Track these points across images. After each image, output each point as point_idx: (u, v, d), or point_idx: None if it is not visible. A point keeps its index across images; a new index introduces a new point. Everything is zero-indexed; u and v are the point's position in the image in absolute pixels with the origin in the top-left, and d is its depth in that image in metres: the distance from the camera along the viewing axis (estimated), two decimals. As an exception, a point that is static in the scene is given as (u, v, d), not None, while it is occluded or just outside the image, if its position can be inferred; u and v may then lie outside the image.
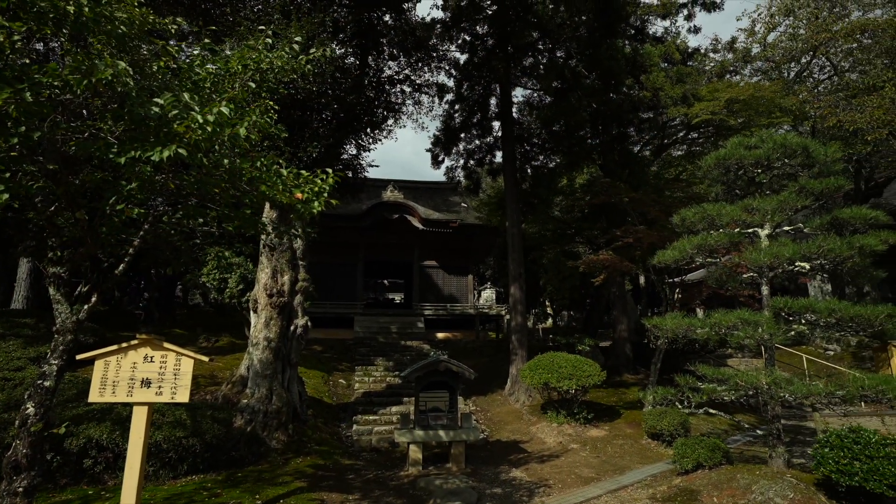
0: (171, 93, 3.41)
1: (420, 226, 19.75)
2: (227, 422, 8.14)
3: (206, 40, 4.76)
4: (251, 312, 10.21)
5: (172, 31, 4.81)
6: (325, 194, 4.76)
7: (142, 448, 4.46)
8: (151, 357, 4.68)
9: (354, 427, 11.05)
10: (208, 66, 4.59)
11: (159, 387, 4.63)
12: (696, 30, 19.16)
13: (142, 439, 4.48)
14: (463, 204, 23.24)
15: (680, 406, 7.95)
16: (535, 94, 18.09)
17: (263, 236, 9.55)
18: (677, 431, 9.39)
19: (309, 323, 10.92)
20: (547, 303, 23.57)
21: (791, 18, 18.46)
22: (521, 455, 9.53)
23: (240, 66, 4.53)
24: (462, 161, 18.80)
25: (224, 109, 3.41)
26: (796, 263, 7.07)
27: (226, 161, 4.03)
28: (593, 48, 14.71)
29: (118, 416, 6.83)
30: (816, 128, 17.48)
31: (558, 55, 15.82)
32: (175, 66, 4.39)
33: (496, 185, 21.79)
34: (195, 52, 4.79)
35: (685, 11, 17.07)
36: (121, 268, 4.76)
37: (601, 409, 11.94)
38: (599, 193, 14.37)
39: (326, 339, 17.72)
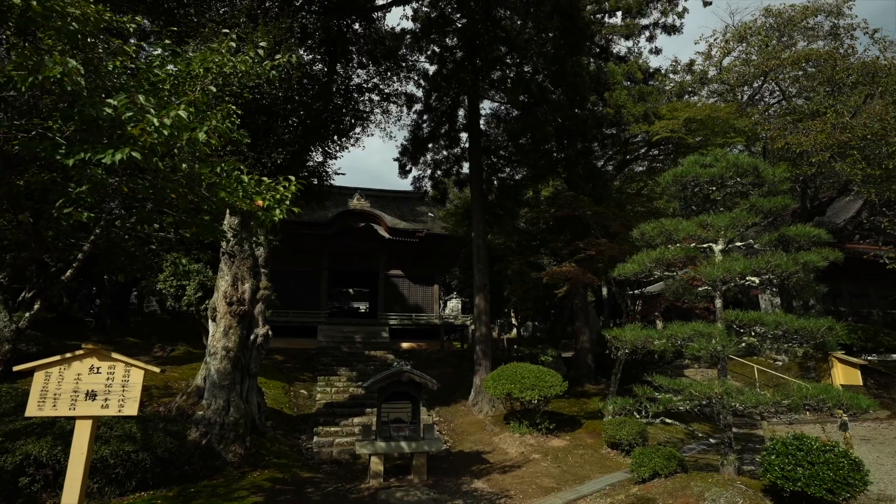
0: (125, 94, 3.29)
1: (386, 235, 19.66)
2: (180, 435, 7.83)
3: (167, 41, 4.64)
4: (209, 321, 9.89)
5: (131, 29, 4.66)
6: (288, 202, 4.68)
7: (84, 464, 4.22)
8: (98, 368, 4.46)
9: (315, 439, 10.82)
10: (168, 68, 4.47)
11: (105, 399, 4.41)
12: (658, 51, 19.94)
13: (84, 455, 4.24)
14: (430, 214, 23.28)
15: (638, 416, 8.13)
16: (503, 107, 18.39)
17: (224, 243, 9.30)
18: (636, 441, 9.59)
19: (270, 332, 10.66)
20: (512, 313, 23.78)
21: (744, 44, 19.46)
22: (483, 466, 9.53)
23: (201, 70, 4.43)
24: (429, 171, 18.88)
25: (182, 113, 3.32)
26: (747, 278, 7.39)
27: (184, 165, 3.92)
28: (559, 64, 15.09)
29: (61, 430, 6.47)
30: (767, 148, 18.40)
31: (525, 70, 16.15)
32: (133, 66, 4.25)
33: (463, 195, 21.94)
34: (156, 53, 4.66)
35: (647, 33, 17.77)
36: (68, 273, 4.55)
37: (563, 419, 12.08)
38: (564, 206, 14.66)
39: (288, 349, 17.33)
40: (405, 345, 20.02)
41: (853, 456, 5.87)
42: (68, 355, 4.50)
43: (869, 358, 17.56)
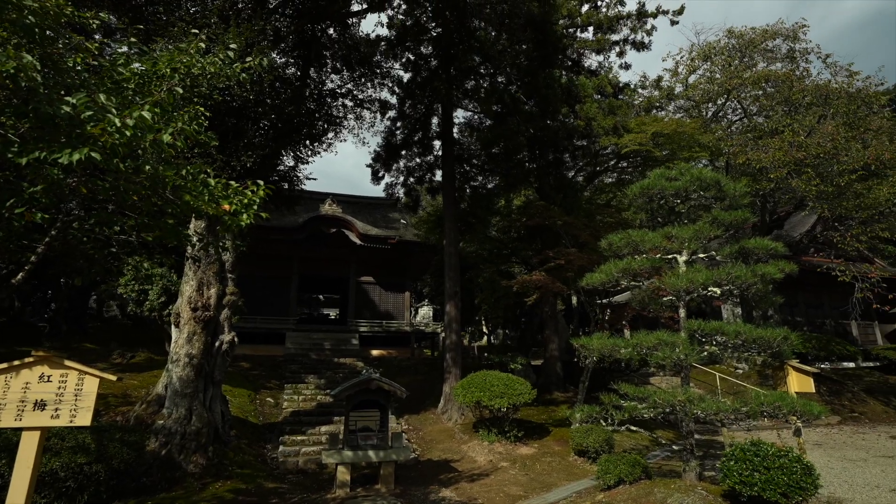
0: (85, 92, 3.18)
1: (358, 241, 19.50)
2: (138, 445, 7.54)
3: (133, 39, 4.52)
4: (173, 327, 9.60)
5: (94, 25, 4.52)
6: (256, 206, 4.60)
7: (30, 478, 4.02)
8: (49, 376, 4.26)
9: (281, 448, 10.58)
10: (133, 67, 4.35)
11: (56, 409, 4.21)
12: (627, 66, 20.51)
13: (31, 468, 4.04)
14: (402, 221, 23.22)
15: (604, 423, 8.27)
16: (476, 117, 18.57)
17: (189, 248, 9.05)
18: (602, 448, 9.72)
19: (236, 339, 10.41)
20: (482, 321, 23.88)
21: (709, 63, 20.22)
22: (451, 474, 9.49)
23: (168, 70, 4.32)
24: (402, 178, 18.87)
25: (146, 114, 3.23)
26: (709, 288, 7.63)
27: (147, 167, 3.81)
28: (532, 76, 15.35)
29: (6, 441, 6.14)
30: (730, 163, 19.11)
31: (499, 80, 16.36)
32: (96, 63, 4.12)
33: (435, 203, 22.00)
34: (121, 51, 4.53)
35: (617, 48, 18.27)
36: (20, 276, 4.34)
37: (532, 427, 12.16)
38: (535, 216, 14.86)
39: (255, 356, 16.94)
40: (375, 352, 19.83)
41: (806, 461, 6.10)
42: (16, 363, 4.29)
43: (822, 366, 18.33)
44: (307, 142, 12.46)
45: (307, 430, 11.54)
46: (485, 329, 25.47)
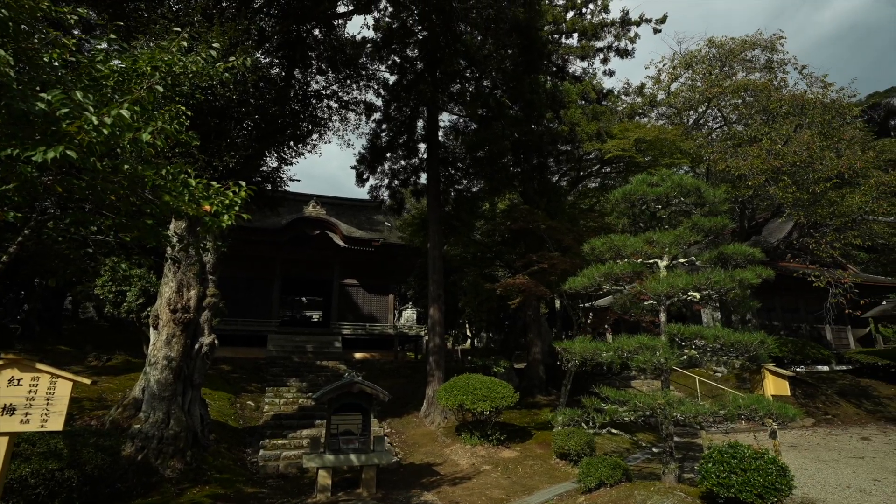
0: (61, 88, 3.12)
1: (342, 243, 19.39)
2: (113, 450, 7.36)
3: (112, 35, 4.44)
4: (151, 329, 9.41)
5: (72, 21, 4.43)
6: (237, 207, 4.55)
7: None
8: (19, 380, 4.14)
9: (261, 452, 10.44)
10: (113, 64, 4.27)
11: (26, 414, 4.10)
12: (611, 73, 20.77)
13: None
14: (386, 223, 23.16)
15: (586, 427, 8.32)
16: (462, 120, 18.63)
17: (169, 248, 8.90)
18: (583, 451, 9.79)
19: (216, 341, 10.25)
20: (466, 324, 23.90)
21: (690, 72, 20.58)
22: (433, 478, 9.46)
23: (149, 68, 4.25)
24: (387, 180, 18.82)
25: (125, 112, 3.18)
26: (689, 293, 7.75)
27: (126, 167, 3.74)
28: (517, 81, 15.46)
29: (-24, 446, 5.95)
30: (710, 170, 19.45)
31: (485, 84, 16.44)
32: (73, 59, 4.04)
33: (420, 205, 21.97)
34: (100, 47, 4.44)
35: (601, 55, 18.50)
36: (-10, 277, 4.23)
37: (514, 430, 12.19)
38: (519, 220, 14.94)
39: (236, 359, 16.71)
40: (358, 355, 19.71)
41: (780, 462, 6.21)
42: (-14, 366, 4.16)
43: (797, 370, 18.74)
44: (291, 143, 12.38)
45: (288, 434, 11.41)
46: (468, 332, 25.48)
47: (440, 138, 17.35)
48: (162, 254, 9.56)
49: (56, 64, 3.72)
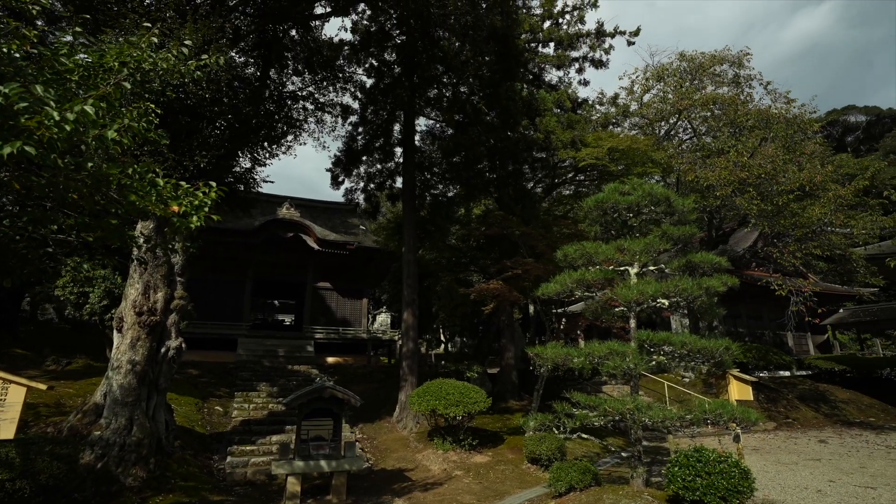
0: (20, 81, 3.00)
1: (316, 246, 19.17)
2: (71, 458, 7.08)
3: (78, 28, 4.30)
4: (115, 332, 9.11)
5: (35, 11, 4.27)
6: (207, 208, 4.44)
7: (-53, 494, 3.70)
8: (-29, 384, 3.95)
9: (229, 459, 10.19)
10: (78, 57, 4.13)
11: (-22, 420, 3.91)
12: (586, 83, 21.15)
13: (-52, 484, 3.72)
14: (361, 227, 23.00)
15: (557, 431, 8.41)
16: (438, 125, 18.68)
17: (135, 250, 8.65)
18: (554, 456, 9.88)
19: (183, 345, 9.98)
20: (440, 329, 23.90)
21: (662, 84, 21.15)
22: (405, 484, 9.40)
23: (116, 63, 4.13)
24: (362, 184, 18.72)
25: (89, 108, 3.08)
26: (658, 300, 7.92)
27: (89, 164, 3.62)
28: (494, 87, 15.60)
29: (-79, 455, 5.66)
30: (681, 180, 19.99)
31: (462, 90, 16.54)
32: (35, 52, 3.89)
33: (395, 209, 21.92)
34: (64, 40, 4.30)
35: (577, 65, 18.84)
36: (-60, 277, 4.02)
37: (486, 435, 12.22)
38: (494, 225, 15.04)
39: (205, 363, 16.30)
40: (331, 359, 19.47)
41: (743, 465, 6.40)
42: (-65, 370, 3.96)
43: (760, 375, 19.36)
44: (265, 143, 12.18)
45: (257, 440, 11.18)
46: (442, 337, 25.49)
47: (417, 143, 17.37)
48: (128, 254, 9.28)
49: (16, 56, 3.58)
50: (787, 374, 20.90)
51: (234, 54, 10.75)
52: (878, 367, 20.99)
